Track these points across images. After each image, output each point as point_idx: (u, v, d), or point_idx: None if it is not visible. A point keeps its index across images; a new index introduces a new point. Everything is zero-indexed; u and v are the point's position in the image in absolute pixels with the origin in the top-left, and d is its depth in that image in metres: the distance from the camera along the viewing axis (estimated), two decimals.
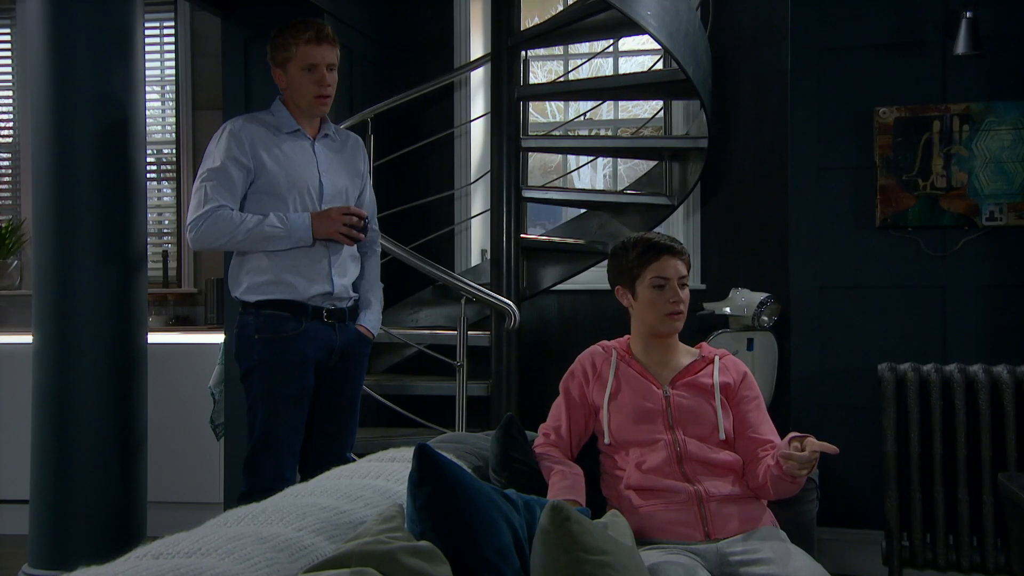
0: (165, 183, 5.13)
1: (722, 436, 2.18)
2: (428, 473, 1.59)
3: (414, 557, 1.39)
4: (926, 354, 3.61)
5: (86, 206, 3.01)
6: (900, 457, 3.53)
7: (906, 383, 3.52)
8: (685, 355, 2.31)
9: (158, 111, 5.10)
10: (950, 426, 3.50)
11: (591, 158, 4.93)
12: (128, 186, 3.12)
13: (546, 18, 4.19)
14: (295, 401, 2.80)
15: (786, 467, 2.00)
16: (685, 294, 2.25)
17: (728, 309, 3.87)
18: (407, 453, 2.03)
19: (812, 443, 1.98)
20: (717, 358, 2.29)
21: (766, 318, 3.84)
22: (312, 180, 2.86)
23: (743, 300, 3.87)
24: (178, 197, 5.03)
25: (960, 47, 3.48)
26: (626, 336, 2.35)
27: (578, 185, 5.06)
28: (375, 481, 1.85)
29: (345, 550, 1.38)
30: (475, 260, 4.57)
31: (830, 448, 1.95)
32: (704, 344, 2.37)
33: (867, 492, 3.64)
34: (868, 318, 3.70)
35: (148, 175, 5.11)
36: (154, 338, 4.58)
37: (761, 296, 3.84)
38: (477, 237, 4.63)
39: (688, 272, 2.27)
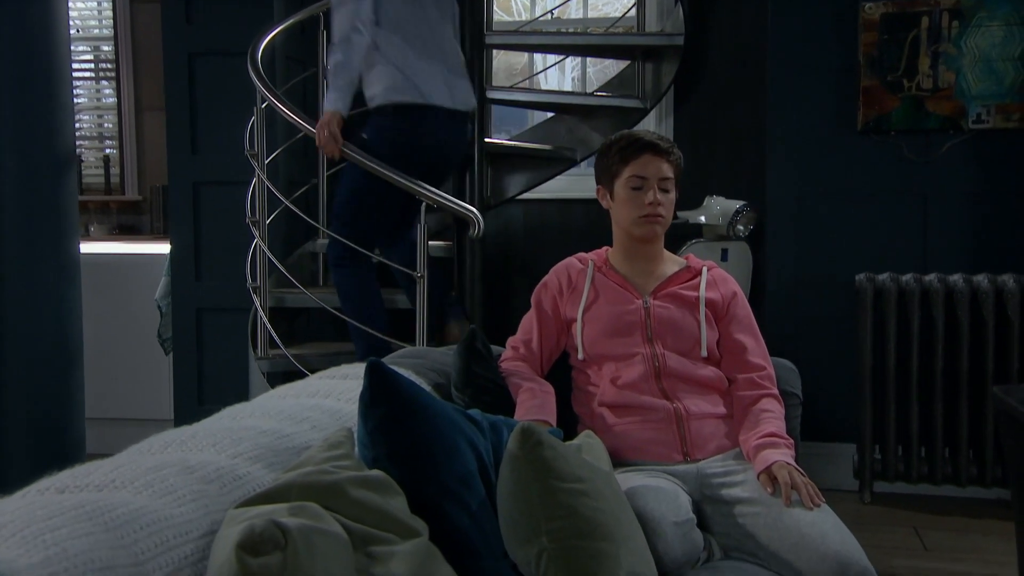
0: (105, 82, 4.79)
1: (704, 353, 2.00)
2: (381, 392, 1.42)
3: (363, 488, 1.22)
4: (906, 264, 3.48)
5: (2, 103, 2.73)
6: (876, 370, 3.44)
7: (884, 294, 3.40)
8: (670, 264, 2.12)
9: (94, 5, 4.73)
10: (928, 338, 3.39)
11: (560, 57, 4.68)
12: (52, 82, 2.83)
13: None
14: None
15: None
16: (668, 198, 2.05)
17: (702, 218, 3.71)
18: (361, 369, 1.85)
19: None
20: (705, 269, 2.10)
21: (741, 227, 3.68)
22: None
23: (718, 208, 3.70)
24: (118, 97, 4.70)
25: None
26: (605, 247, 2.16)
27: (545, 88, 4.81)
28: (324, 401, 1.67)
29: (284, 481, 1.20)
30: None
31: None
32: (691, 255, 2.17)
33: (842, 406, 3.55)
34: (847, 227, 3.55)
35: (86, 74, 4.78)
36: (96, 248, 4.34)
37: (736, 204, 3.68)
38: None
39: (675, 175, 2.06)
